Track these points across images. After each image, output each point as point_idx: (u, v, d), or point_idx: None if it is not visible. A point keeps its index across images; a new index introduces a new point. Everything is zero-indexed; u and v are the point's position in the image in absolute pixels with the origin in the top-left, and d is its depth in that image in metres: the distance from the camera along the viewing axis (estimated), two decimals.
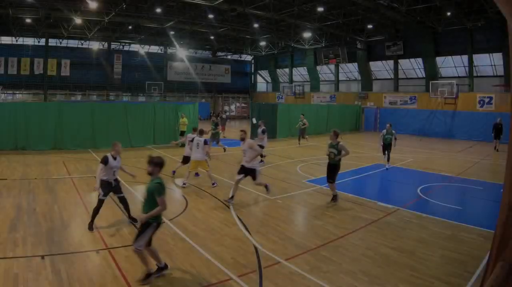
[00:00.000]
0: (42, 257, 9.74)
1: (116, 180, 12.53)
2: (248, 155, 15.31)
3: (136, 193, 16.21)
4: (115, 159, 12.22)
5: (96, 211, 12.04)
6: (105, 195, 12.30)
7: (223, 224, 12.88)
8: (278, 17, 43.85)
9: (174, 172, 20.32)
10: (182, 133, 29.34)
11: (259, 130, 25.77)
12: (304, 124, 34.38)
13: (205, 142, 17.70)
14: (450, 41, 46.16)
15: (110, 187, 12.35)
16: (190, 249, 10.74)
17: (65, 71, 60.53)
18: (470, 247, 11.32)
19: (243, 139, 15.50)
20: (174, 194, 17.05)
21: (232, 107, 79.33)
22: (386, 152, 23.66)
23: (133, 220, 12.48)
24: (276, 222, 13.28)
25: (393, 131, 23.54)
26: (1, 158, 23.75)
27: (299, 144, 33.95)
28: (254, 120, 36.70)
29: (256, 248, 10.81)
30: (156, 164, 8.75)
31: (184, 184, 18.03)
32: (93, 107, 29.57)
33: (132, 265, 9.49)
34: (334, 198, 15.79)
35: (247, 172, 15.24)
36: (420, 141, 40.85)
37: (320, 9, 40.63)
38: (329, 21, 45.35)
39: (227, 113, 66.32)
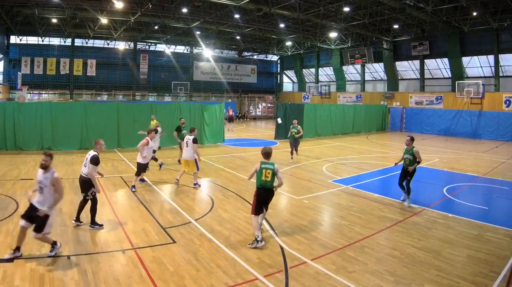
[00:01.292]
0: (68, 257, 9.84)
1: None
2: None
3: (163, 193, 16.32)
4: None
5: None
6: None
7: (249, 224, 12.81)
8: (304, 17, 43.82)
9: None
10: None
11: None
12: (298, 132, 25.93)
13: (194, 141, 17.53)
14: (476, 41, 45.82)
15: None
16: (216, 249, 10.73)
17: (91, 71, 60.88)
18: (496, 247, 11.25)
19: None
20: (201, 194, 17.06)
21: (258, 107, 79.14)
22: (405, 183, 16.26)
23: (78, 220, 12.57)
24: (302, 222, 13.27)
25: (413, 149, 16.01)
26: (27, 158, 24.00)
27: (292, 158, 25.75)
28: (280, 120, 36.83)
29: (282, 248, 10.80)
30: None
31: (176, 181, 18.03)
32: (119, 107, 29.64)
33: (159, 265, 9.57)
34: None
35: None
36: (446, 141, 40.53)
37: (346, 9, 40.54)
38: (355, 21, 45.25)
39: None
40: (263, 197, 11.38)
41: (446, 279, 9.15)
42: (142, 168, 17.63)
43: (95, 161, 12.18)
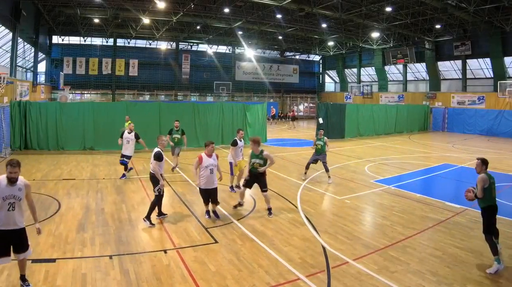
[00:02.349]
0: (110, 257, 9.93)
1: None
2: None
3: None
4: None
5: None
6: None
7: (291, 223, 12.90)
8: (346, 17, 43.73)
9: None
10: None
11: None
12: (325, 145, 19.92)
13: (232, 143, 17.51)
14: None
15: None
16: (258, 249, 10.78)
17: (133, 71, 61.45)
18: None
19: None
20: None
21: (300, 107, 78.67)
22: None
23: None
24: (344, 222, 13.25)
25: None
26: (69, 158, 24.29)
27: (305, 173, 20.46)
28: (321, 120, 36.73)
29: (324, 248, 10.80)
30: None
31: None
32: (161, 107, 29.79)
33: (201, 265, 9.64)
34: None
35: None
36: (488, 141, 39.99)
37: (388, 9, 40.29)
38: (397, 21, 44.99)
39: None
40: (253, 177, 14.26)
41: (488, 280, 9.05)
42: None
43: (157, 156, 12.97)
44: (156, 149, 13.23)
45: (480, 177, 10.13)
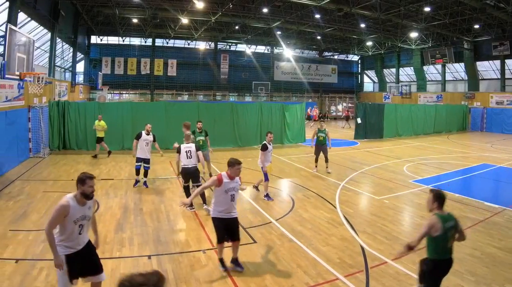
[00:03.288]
0: (149, 257, 10.03)
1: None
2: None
3: (243, 193, 16.45)
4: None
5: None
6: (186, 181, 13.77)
7: (329, 223, 12.91)
8: (385, 17, 43.47)
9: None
10: (100, 141, 24.91)
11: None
12: (326, 136, 21.70)
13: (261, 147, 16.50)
14: None
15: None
16: (296, 249, 10.79)
17: (172, 71, 61.90)
18: None
19: None
20: (281, 194, 17.13)
21: (339, 107, 78.14)
22: None
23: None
24: (382, 222, 13.24)
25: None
26: (108, 158, 24.56)
27: (315, 167, 21.97)
28: (359, 120, 36.76)
29: (362, 248, 10.81)
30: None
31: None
32: (199, 107, 29.66)
33: None
34: None
35: None
36: None
37: (427, 9, 40.02)
38: (436, 21, 44.65)
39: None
40: None
41: None
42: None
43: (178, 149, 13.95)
44: (192, 144, 14.31)
45: (429, 219, 7.52)
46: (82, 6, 42.60)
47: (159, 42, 63.57)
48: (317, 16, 45.59)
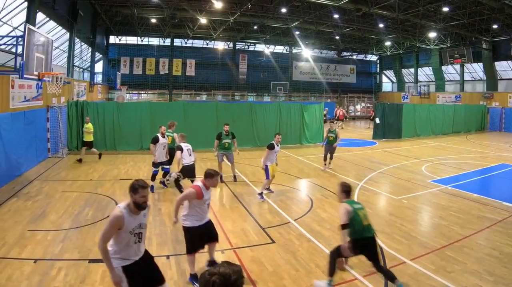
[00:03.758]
0: (168, 257, 10.10)
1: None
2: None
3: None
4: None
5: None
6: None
7: None
8: (403, 17, 43.26)
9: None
10: (87, 145, 23.76)
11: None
12: (336, 137, 22.18)
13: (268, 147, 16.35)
14: None
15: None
16: (315, 249, 10.82)
17: (190, 71, 61.77)
18: None
19: None
20: (300, 194, 17.20)
21: (358, 107, 78.02)
22: None
23: None
24: (401, 222, 13.23)
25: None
26: (126, 158, 24.68)
27: (325, 165, 22.62)
28: (378, 120, 36.76)
29: (381, 248, 10.72)
30: None
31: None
32: (218, 107, 29.67)
33: (258, 265, 9.73)
34: None
35: None
36: None
37: (445, 9, 39.77)
38: (454, 21, 44.33)
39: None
40: None
41: None
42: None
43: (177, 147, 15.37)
44: (188, 144, 16.14)
45: (340, 208, 8.64)
46: (101, 6, 42.80)
47: (177, 42, 63.66)
48: (336, 16, 45.42)
